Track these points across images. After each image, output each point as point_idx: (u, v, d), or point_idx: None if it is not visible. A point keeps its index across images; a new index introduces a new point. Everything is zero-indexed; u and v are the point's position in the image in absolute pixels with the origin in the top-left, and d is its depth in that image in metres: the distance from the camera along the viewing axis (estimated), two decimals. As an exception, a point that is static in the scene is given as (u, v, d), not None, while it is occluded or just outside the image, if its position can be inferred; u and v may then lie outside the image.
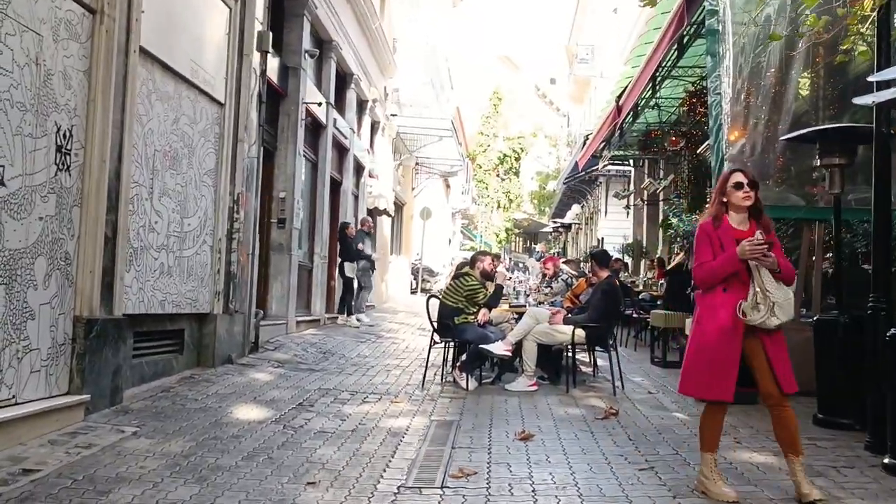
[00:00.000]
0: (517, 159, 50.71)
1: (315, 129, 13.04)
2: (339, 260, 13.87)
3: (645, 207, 22.37)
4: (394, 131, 20.15)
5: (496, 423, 6.33)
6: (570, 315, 7.95)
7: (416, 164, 24.12)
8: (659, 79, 11.86)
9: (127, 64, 6.13)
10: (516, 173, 51.76)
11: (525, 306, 8.43)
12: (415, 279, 25.95)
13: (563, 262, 11.02)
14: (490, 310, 8.21)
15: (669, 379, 8.98)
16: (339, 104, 14.59)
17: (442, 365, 8.72)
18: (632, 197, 24.24)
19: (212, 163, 8.16)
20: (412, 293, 25.36)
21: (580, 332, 7.75)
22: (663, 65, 11.20)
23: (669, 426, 6.33)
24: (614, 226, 31.41)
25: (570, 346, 7.91)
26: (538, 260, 23.78)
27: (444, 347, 8.66)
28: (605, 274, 7.85)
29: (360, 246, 13.86)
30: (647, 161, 21.29)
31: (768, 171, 7.86)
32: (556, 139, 54.73)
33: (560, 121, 58.25)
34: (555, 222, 42.10)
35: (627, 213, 31.80)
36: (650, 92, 12.59)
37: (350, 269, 13.70)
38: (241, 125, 8.72)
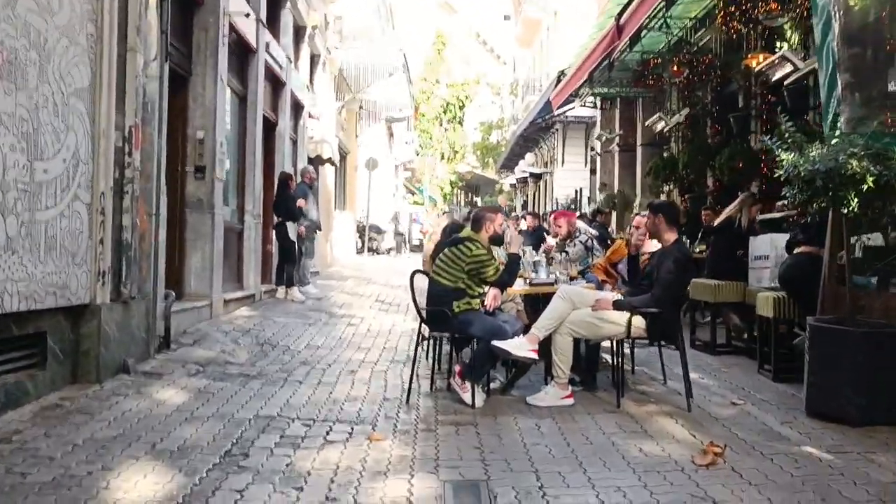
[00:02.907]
0: (461, 108, 47.85)
1: (242, 52, 10.24)
2: (276, 219, 11.16)
3: (617, 154, 20.08)
4: (336, 67, 17.32)
5: (548, 482, 3.91)
6: (622, 297, 5.52)
7: (361, 107, 21.28)
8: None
9: None
10: (460, 122, 48.94)
11: (554, 283, 5.97)
12: (360, 238, 23.31)
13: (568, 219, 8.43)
14: (503, 290, 5.74)
15: (735, 373, 6.69)
16: (273, 26, 11.77)
17: (432, 366, 6.25)
18: (599, 143, 21.94)
19: (84, 78, 5.43)
20: (358, 253, 22.75)
21: (638, 322, 5.35)
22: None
23: (815, 476, 3.99)
24: (572, 176, 29.24)
25: (621, 342, 5.52)
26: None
27: (435, 343, 6.17)
28: (672, 237, 5.43)
29: (299, 203, 11.19)
30: (620, 101, 18.94)
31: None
32: (499, 87, 52.01)
33: (502, 70, 55.62)
34: (511, 172, 39.67)
35: (586, 163, 29.69)
36: (663, 6, 10.13)
37: (293, 230, 11.04)
38: (132, 26, 5.98)
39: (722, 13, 9.31)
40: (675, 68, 12.45)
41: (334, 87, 17.54)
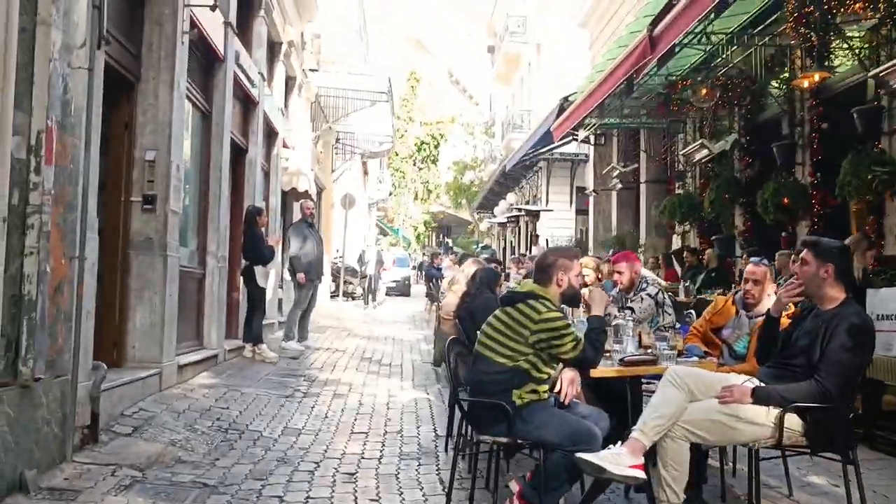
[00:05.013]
0: (436, 146, 46.34)
1: (207, 59, 8.45)
2: (243, 262, 9.31)
3: (614, 194, 18.54)
4: (313, 93, 15.59)
5: None
6: (758, 382, 3.74)
7: (337, 140, 19.52)
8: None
9: None
10: (434, 161, 47.39)
11: (655, 359, 4.16)
12: (335, 282, 21.37)
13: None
14: (585, 372, 3.95)
15: (876, 477, 4.91)
16: (244, 34, 10.03)
17: (471, 473, 4.38)
18: (590, 179, 20.46)
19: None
20: (332, 298, 20.80)
21: (794, 422, 3.59)
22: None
23: None
24: (556, 217, 27.67)
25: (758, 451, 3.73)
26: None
27: (470, 447, 4.29)
28: (841, 295, 3.68)
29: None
30: (618, 134, 17.44)
31: None
32: (472, 127, 50.67)
33: (474, 110, 54.49)
34: (488, 213, 37.98)
35: (571, 203, 28.17)
36: (713, 11, 8.50)
37: (262, 275, 9.19)
38: (46, -10, 4.20)
39: (795, 16, 7.70)
40: (705, 91, 10.90)
41: (311, 115, 15.80)
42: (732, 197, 11.53)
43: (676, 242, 14.59)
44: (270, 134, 11.99)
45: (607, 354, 4.24)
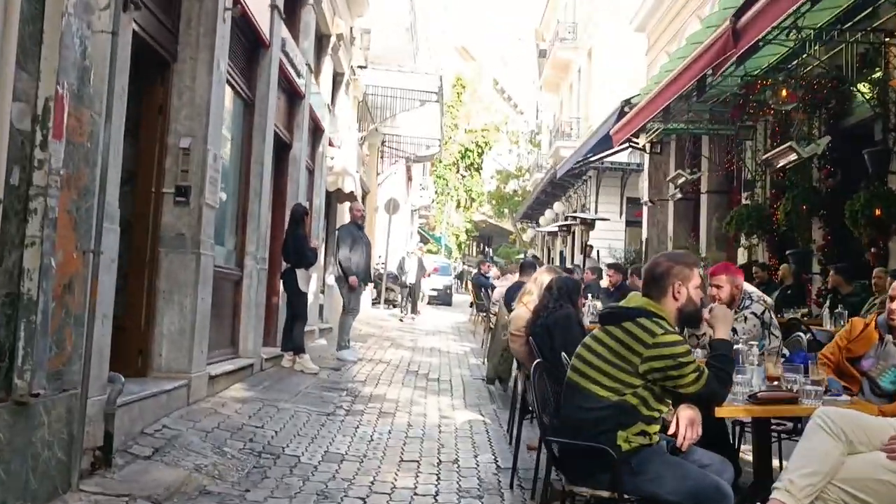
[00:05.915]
0: (480, 154, 45.55)
1: (251, 43, 7.80)
2: (284, 265, 8.64)
3: (671, 204, 17.64)
4: (360, 91, 14.94)
5: None
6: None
7: (383, 142, 18.87)
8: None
9: None
10: (478, 169, 46.60)
11: (795, 396, 3.29)
12: (376, 288, 20.67)
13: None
14: (708, 411, 3.14)
15: None
16: (292, 22, 9.39)
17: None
18: (645, 189, 19.49)
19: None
20: (374, 305, 20.10)
21: None
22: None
23: None
24: (606, 226, 26.68)
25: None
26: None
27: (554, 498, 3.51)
28: None
29: (348, 249, 8.96)
30: (677, 141, 16.50)
31: None
32: (518, 135, 49.79)
33: (518, 118, 53.66)
34: (532, 223, 37.06)
35: (621, 214, 27.19)
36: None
37: (304, 279, 8.51)
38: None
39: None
40: (786, 92, 9.97)
41: (357, 115, 15.14)
42: (811, 208, 10.61)
43: (741, 257, 13.66)
44: (316, 130, 11.35)
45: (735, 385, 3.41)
